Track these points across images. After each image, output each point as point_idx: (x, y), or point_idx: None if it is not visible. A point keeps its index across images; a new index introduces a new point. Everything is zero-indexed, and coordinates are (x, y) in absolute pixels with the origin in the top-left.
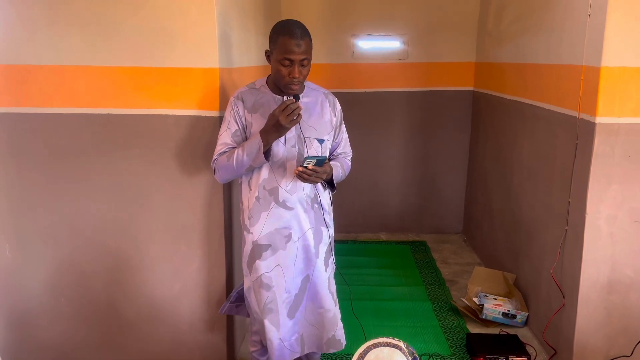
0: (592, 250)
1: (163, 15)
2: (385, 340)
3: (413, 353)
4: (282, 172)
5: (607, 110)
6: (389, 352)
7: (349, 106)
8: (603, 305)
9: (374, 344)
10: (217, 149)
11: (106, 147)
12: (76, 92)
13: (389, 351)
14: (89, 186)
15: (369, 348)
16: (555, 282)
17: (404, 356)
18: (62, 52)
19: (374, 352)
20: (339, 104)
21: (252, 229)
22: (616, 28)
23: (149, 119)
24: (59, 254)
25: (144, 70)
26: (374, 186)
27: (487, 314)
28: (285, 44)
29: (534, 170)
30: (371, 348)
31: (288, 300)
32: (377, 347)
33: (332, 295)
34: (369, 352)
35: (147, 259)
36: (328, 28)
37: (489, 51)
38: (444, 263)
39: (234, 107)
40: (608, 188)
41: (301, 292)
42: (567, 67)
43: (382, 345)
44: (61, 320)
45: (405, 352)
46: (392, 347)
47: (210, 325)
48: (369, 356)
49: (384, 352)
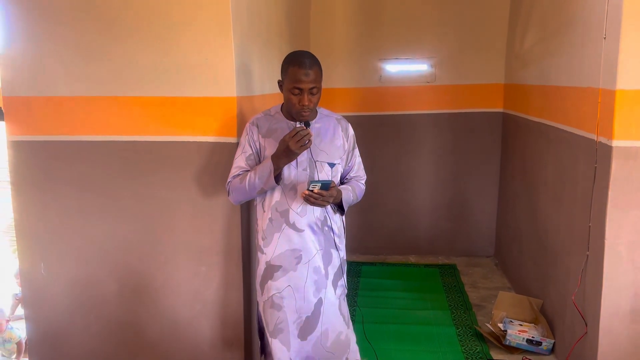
0: (612, 277)
1: (185, 49)
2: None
3: None
4: (293, 194)
5: (624, 133)
6: None
7: (377, 129)
8: (626, 334)
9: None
10: (232, 171)
11: (132, 173)
12: (105, 120)
13: None
14: (116, 209)
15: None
16: (577, 309)
17: None
18: (92, 84)
19: None
20: (351, 129)
21: (265, 250)
22: (631, 50)
23: (172, 145)
24: (88, 273)
25: (167, 100)
26: (404, 208)
27: (510, 340)
28: (295, 73)
29: (558, 194)
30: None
31: (298, 321)
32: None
33: (344, 317)
34: None
35: (170, 279)
36: (356, 53)
37: (517, 73)
38: (473, 287)
39: (249, 132)
40: (628, 213)
41: (315, 315)
42: (586, 90)
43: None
44: (89, 336)
45: None
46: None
47: (228, 345)
48: None
49: None
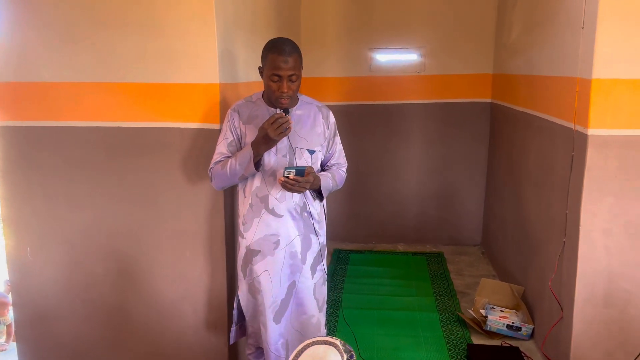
0: (587, 262)
1: (168, 36)
2: (322, 338)
3: (350, 351)
4: (273, 181)
5: (599, 122)
6: (324, 349)
7: (367, 118)
8: (600, 319)
9: (311, 342)
10: (214, 158)
11: (117, 158)
12: (90, 106)
13: (324, 349)
14: (102, 195)
15: (306, 346)
16: (554, 294)
17: (339, 354)
18: (77, 70)
19: (311, 350)
20: (332, 116)
21: (245, 235)
22: (607, 40)
23: (156, 132)
24: (74, 257)
25: (151, 86)
26: (393, 197)
27: (490, 325)
28: (274, 60)
29: (539, 182)
30: (308, 346)
31: (274, 305)
32: (314, 345)
33: (318, 301)
34: (306, 350)
35: (154, 263)
36: (346, 42)
37: (504, 63)
38: (458, 275)
39: (230, 118)
40: (602, 201)
41: (287, 297)
42: (565, 79)
43: (319, 343)
44: (76, 320)
45: (340, 349)
46: (328, 345)
47: (212, 327)
48: (305, 354)
49: (320, 350)
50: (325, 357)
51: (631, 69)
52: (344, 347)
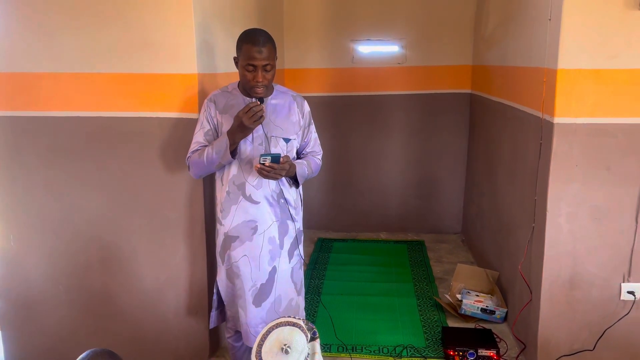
0: (553, 246)
1: (146, 26)
2: (286, 319)
3: (312, 329)
4: (249, 168)
5: (565, 110)
6: (289, 330)
7: (349, 109)
8: (566, 301)
9: (276, 324)
10: (191, 147)
11: (97, 148)
12: (70, 96)
13: (289, 330)
14: (83, 183)
15: (271, 329)
16: (523, 278)
17: (303, 333)
18: (56, 60)
19: (276, 332)
20: (307, 105)
21: (223, 222)
22: (571, 31)
23: (135, 121)
24: (56, 245)
25: (130, 76)
26: (375, 187)
27: (465, 309)
28: (248, 50)
29: (513, 170)
30: (273, 328)
31: (254, 289)
32: (279, 327)
33: (295, 284)
34: (272, 332)
35: (136, 251)
36: (329, 34)
37: (483, 54)
38: (438, 262)
39: (207, 108)
40: (568, 187)
41: (269, 283)
42: (534, 70)
43: (283, 325)
44: (59, 306)
45: (304, 329)
46: (292, 326)
47: (193, 312)
48: (271, 336)
49: (285, 332)
50: (291, 338)
51: (594, 60)
52: (307, 326)
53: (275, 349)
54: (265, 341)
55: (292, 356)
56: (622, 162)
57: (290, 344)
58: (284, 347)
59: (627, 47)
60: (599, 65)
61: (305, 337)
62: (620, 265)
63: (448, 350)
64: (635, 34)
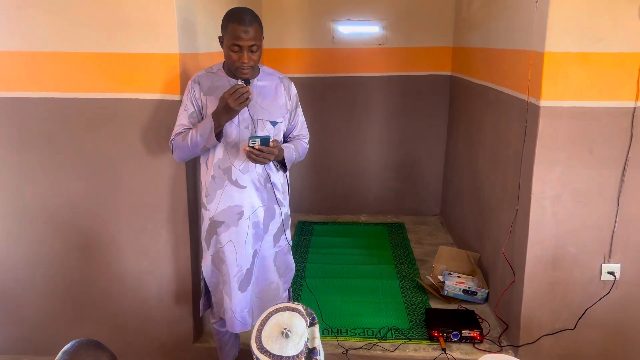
0: (537, 228)
1: (125, 4)
2: (285, 305)
3: (311, 314)
4: (236, 152)
5: (551, 93)
6: (289, 315)
7: (329, 91)
8: (548, 281)
9: (275, 309)
10: (175, 129)
11: (75, 130)
12: (45, 77)
13: (289, 315)
14: (59, 168)
15: (270, 314)
16: (507, 260)
17: (302, 317)
18: (30, 38)
19: (275, 317)
20: (294, 88)
21: (209, 206)
22: (559, 14)
23: (114, 103)
24: (33, 232)
25: (108, 55)
26: (355, 170)
27: (448, 290)
28: (234, 30)
29: (494, 153)
30: (273, 314)
31: (239, 274)
32: (278, 312)
33: (279, 269)
34: (271, 317)
35: (116, 237)
36: (308, 13)
37: (464, 36)
38: (418, 243)
39: (191, 90)
40: (552, 169)
41: (251, 267)
42: (520, 52)
43: (283, 310)
44: (37, 294)
45: (303, 314)
46: (292, 311)
47: (176, 299)
48: (270, 321)
49: (284, 316)
50: (290, 323)
51: (581, 43)
52: (306, 311)
53: (275, 333)
54: (265, 326)
55: (292, 340)
56: (604, 145)
57: (290, 327)
58: (284, 331)
59: (613, 30)
60: (585, 48)
61: (305, 322)
62: (601, 247)
63: (432, 331)
64: (621, 17)
